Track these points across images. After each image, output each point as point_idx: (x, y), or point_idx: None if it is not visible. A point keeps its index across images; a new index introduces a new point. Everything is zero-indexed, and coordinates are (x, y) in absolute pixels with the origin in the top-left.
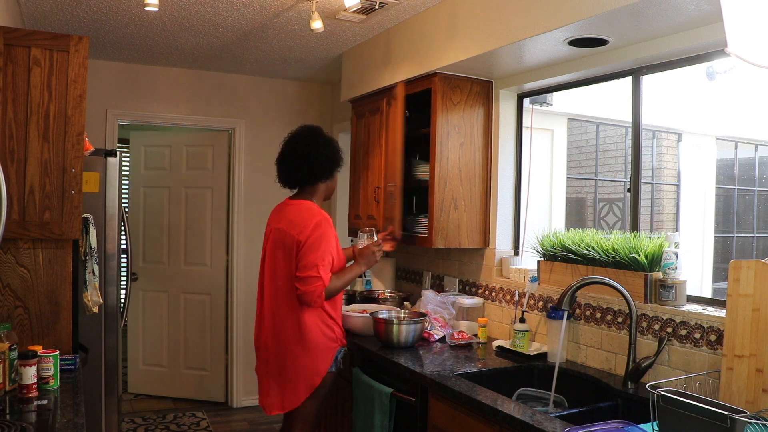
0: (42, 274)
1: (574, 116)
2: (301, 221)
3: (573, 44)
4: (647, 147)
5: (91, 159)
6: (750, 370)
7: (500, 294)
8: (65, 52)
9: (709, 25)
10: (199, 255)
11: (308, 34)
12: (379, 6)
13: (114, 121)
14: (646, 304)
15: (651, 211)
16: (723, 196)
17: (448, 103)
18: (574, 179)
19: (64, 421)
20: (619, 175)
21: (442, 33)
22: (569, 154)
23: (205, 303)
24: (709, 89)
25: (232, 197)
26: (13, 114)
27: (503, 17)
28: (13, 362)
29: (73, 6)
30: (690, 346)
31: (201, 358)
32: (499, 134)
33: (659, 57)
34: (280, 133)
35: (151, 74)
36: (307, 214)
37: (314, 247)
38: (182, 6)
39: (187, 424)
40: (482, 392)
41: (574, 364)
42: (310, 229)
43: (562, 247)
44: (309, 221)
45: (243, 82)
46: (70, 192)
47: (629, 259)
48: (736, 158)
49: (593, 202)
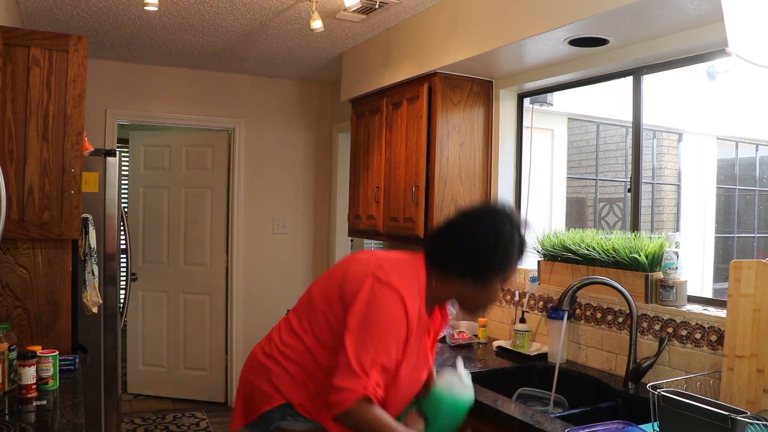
0: (41, 274)
1: (574, 116)
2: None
3: (573, 44)
4: (648, 147)
5: (91, 159)
6: (751, 370)
7: (500, 294)
8: (64, 51)
9: (710, 24)
10: (199, 255)
11: (308, 33)
12: (379, 6)
13: (113, 121)
14: (647, 305)
15: (651, 211)
16: (724, 196)
17: (448, 103)
18: (575, 179)
19: (63, 421)
20: (619, 175)
21: (442, 33)
22: (569, 154)
23: (204, 303)
24: (710, 89)
25: (232, 197)
26: (12, 114)
27: (503, 17)
28: (12, 362)
29: (72, 6)
30: (691, 346)
31: (201, 358)
32: (499, 134)
33: (660, 57)
34: (280, 133)
35: (151, 74)
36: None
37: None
38: (182, 6)
39: (186, 424)
40: (482, 392)
41: (574, 365)
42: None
43: (562, 247)
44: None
45: (243, 82)
46: (69, 192)
47: (630, 259)
48: (736, 158)
49: (594, 202)
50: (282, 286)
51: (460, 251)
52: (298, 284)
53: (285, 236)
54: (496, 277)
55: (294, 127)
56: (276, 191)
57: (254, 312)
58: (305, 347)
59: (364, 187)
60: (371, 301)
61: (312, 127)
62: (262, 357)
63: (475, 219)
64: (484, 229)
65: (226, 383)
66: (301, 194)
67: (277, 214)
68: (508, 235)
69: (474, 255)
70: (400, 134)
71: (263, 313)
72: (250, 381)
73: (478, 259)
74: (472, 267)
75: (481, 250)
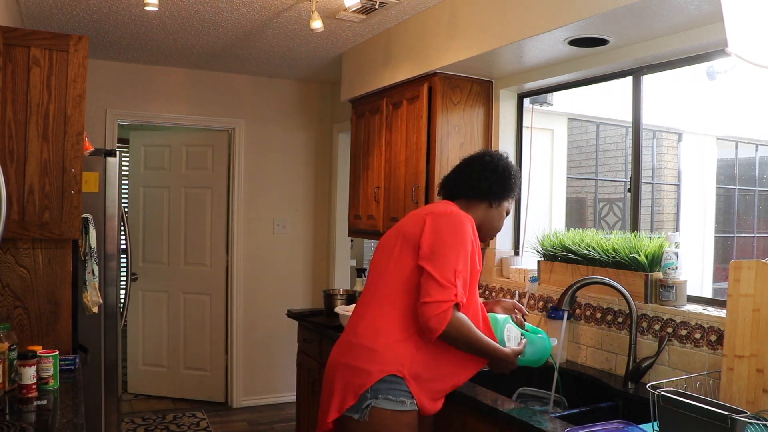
0: (41, 274)
1: (574, 116)
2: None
3: (573, 44)
4: (647, 147)
5: (91, 159)
6: (750, 370)
7: (500, 294)
8: (65, 51)
9: (710, 24)
10: (199, 255)
11: (308, 33)
12: (379, 6)
13: (114, 121)
14: (647, 304)
15: (651, 211)
16: (723, 196)
17: (448, 103)
18: (575, 179)
19: (63, 421)
20: (619, 175)
21: (442, 33)
22: (569, 154)
23: (205, 303)
24: (710, 89)
25: (232, 197)
26: (12, 114)
27: (503, 17)
28: (12, 362)
29: (72, 6)
30: (690, 346)
31: (201, 358)
32: (499, 134)
33: (659, 57)
34: (280, 133)
35: (151, 74)
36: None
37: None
38: (182, 6)
39: (186, 424)
40: (482, 392)
41: (574, 364)
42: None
43: (562, 247)
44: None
45: (243, 82)
46: (69, 192)
47: (629, 259)
48: (736, 158)
49: (593, 202)
50: (282, 286)
51: (484, 178)
52: (298, 284)
53: (285, 236)
54: (509, 198)
55: (294, 127)
56: (276, 191)
57: (254, 312)
58: (396, 311)
59: (364, 187)
60: (437, 227)
61: (312, 127)
62: (355, 339)
63: (490, 156)
64: (501, 161)
65: (226, 383)
66: (301, 194)
67: (277, 214)
68: (515, 166)
69: (497, 178)
70: (400, 134)
71: (263, 313)
72: (343, 362)
73: (501, 181)
74: (496, 188)
75: (501, 175)
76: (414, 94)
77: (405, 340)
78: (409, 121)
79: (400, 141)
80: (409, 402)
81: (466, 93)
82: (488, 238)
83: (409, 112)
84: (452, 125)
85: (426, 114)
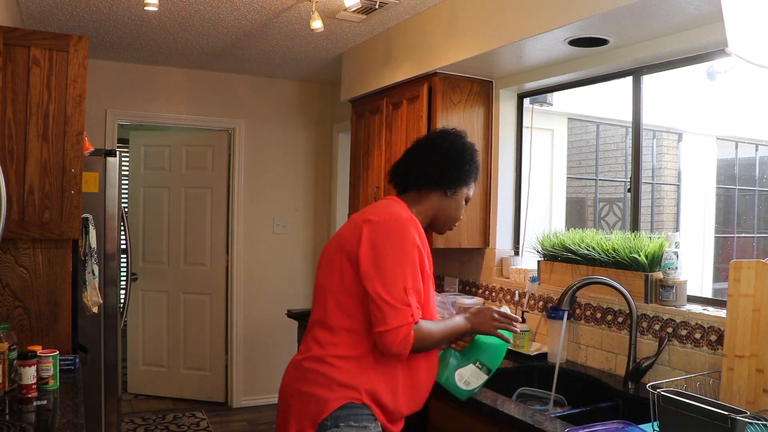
0: (41, 274)
1: (574, 116)
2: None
3: (573, 44)
4: (647, 147)
5: (91, 159)
6: (750, 370)
7: (500, 294)
8: (65, 51)
9: (710, 24)
10: (199, 255)
11: (308, 33)
12: (379, 6)
13: (114, 121)
14: (647, 304)
15: (651, 211)
16: (723, 196)
17: (448, 103)
18: (575, 179)
19: (63, 421)
20: (619, 175)
21: (442, 33)
22: (569, 154)
23: (204, 303)
24: (710, 89)
25: (232, 197)
26: (12, 114)
27: (503, 17)
28: (12, 362)
29: (72, 6)
30: (690, 346)
31: (201, 358)
32: (499, 134)
33: (659, 57)
34: (280, 133)
35: (151, 74)
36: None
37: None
38: (182, 6)
39: (186, 424)
40: (482, 392)
41: (574, 364)
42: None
43: (562, 247)
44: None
45: (243, 82)
46: (69, 192)
47: (629, 259)
48: (736, 158)
49: (593, 202)
50: (282, 286)
51: (434, 164)
52: (298, 284)
53: (285, 236)
54: (466, 184)
55: (294, 127)
56: (276, 191)
57: (254, 312)
58: (347, 330)
59: (364, 187)
60: (374, 240)
61: (312, 127)
62: (306, 362)
63: (439, 137)
64: (451, 142)
65: (226, 383)
66: (301, 194)
67: (277, 214)
68: (470, 145)
69: (448, 163)
70: (400, 134)
71: (263, 313)
72: (297, 389)
73: (452, 166)
74: (447, 174)
75: (452, 158)
76: (414, 94)
77: (358, 358)
78: (409, 121)
79: (400, 141)
80: (372, 426)
81: (466, 93)
82: (446, 229)
83: (409, 112)
84: (452, 125)
85: (426, 114)
